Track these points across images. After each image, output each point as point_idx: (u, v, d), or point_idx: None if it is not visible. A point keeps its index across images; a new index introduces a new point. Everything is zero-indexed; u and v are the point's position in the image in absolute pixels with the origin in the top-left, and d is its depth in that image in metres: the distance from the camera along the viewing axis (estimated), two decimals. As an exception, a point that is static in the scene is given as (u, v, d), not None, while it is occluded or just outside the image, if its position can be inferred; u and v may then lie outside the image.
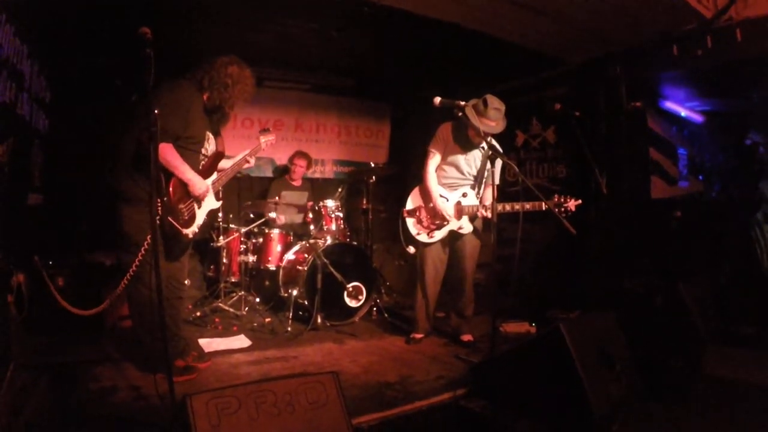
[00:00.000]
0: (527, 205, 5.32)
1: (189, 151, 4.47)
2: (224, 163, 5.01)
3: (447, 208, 5.61)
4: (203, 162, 4.69)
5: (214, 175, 4.78)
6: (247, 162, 5.09)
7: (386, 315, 7.03)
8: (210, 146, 4.74)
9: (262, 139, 5.28)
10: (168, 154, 4.24)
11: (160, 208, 4.20)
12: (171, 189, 4.28)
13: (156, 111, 3.53)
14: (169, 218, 4.29)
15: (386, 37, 7.22)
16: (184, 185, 4.39)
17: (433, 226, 5.71)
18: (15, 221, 4.61)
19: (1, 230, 3.79)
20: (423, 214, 5.78)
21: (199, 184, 4.49)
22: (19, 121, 5.36)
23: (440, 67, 8.34)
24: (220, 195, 5.15)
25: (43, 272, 5.34)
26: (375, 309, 7.16)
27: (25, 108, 5.56)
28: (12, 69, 4.99)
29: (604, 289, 6.46)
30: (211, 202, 4.77)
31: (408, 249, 5.83)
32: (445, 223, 5.67)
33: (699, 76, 6.99)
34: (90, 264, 6.72)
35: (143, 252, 4.24)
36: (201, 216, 4.69)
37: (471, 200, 5.70)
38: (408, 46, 7.62)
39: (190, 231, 4.55)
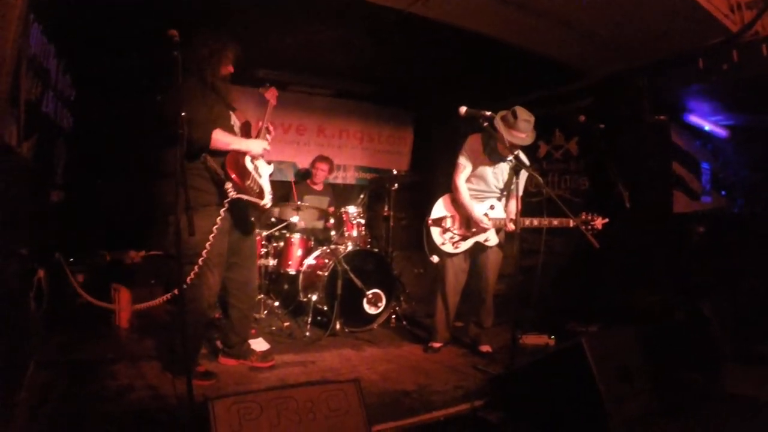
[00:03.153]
0: (555, 221, 5.32)
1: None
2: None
3: (484, 219, 5.56)
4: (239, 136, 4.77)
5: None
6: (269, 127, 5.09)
7: (405, 323, 7.03)
8: (235, 122, 4.80)
9: (266, 94, 5.22)
10: (218, 135, 4.37)
11: (232, 192, 4.36)
12: (232, 173, 4.37)
13: (183, 114, 3.58)
14: (245, 197, 4.43)
15: (411, 45, 7.22)
16: (239, 164, 4.48)
17: (460, 237, 5.70)
18: (37, 218, 4.65)
19: (25, 228, 3.82)
20: (450, 224, 5.75)
21: (255, 146, 4.67)
22: (43, 119, 5.40)
23: (463, 76, 8.34)
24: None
25: (66, 269, 5.39)
26: (394, 316, 7.15)
27: (50, 106, 5.61)
28: (38, 67, 5.03)
29: (623, 303, 6.42)
30: (266, 168, 4.92)
31: (432, 258, 5.80)
32: (477, 233, 5.66)
33: (724, 90, 6.93)
34: (109, 262, 6.80)
35: (202, 261, 4.33)
36: (266, 184, 4.83)
37: (498, 212, 5.67)
38: (432, 55, 7.62)
39: (268, 201, 4.73)
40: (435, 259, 5.79)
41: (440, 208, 5.85)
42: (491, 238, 5.70)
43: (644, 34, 6.20)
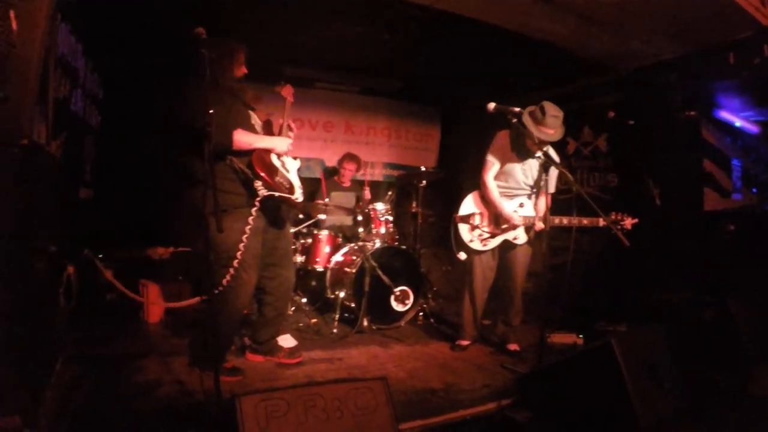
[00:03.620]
0: (585, 221, 5.28)
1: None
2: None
3: (515, 216, 5.52)
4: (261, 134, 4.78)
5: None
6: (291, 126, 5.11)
7: (432, 320, 7.04)
8: (256, 121, 4.81)
9: (282, 92, 5.19)
10: (241, 136, 4.37)
11: (263, 190, 4.39)
12: (260, 171, 4.40)
13: (210, 111, 3.60)
14: (276, 193, 4.46)
15: (437, 40, 7.20)
16: (266, 162, 4.49)
17: (488, 234, 5.67)
18: (66, 215, 4.70)
19: (54, 225, 3.86)
20: (479, 221, 5.71)
21: (280, 143, 4.68)
22: (72, 117, 5.46)
23: (489, 72, 8.30)
24: None
25: (98, 264, 5.44)
26: (421, 314, 7.15)
27: (79, 104, 5.67)
28: (66, 66, 5.09)
29: (652, 301, 6.36)
30: (293, 163, 4.94)
31: (459, 255, 5.76)
32: (506, 231, 5.63)
33: (755, 85, 6.82)
34: (137, 258, 6.86)
35: (237, 263, 4.37)
36: (295, 178, 4.85)
37: (528, 210, 5.63)
38: (458, 50, 7.59)
39: (299, 195, 4.76)
40: (462, 256, 5.75)
41: (469, 205, 5.82)
42: (520, 236, 5.66)
43: (673, 28, 6.12)
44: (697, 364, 4.79)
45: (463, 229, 5.73)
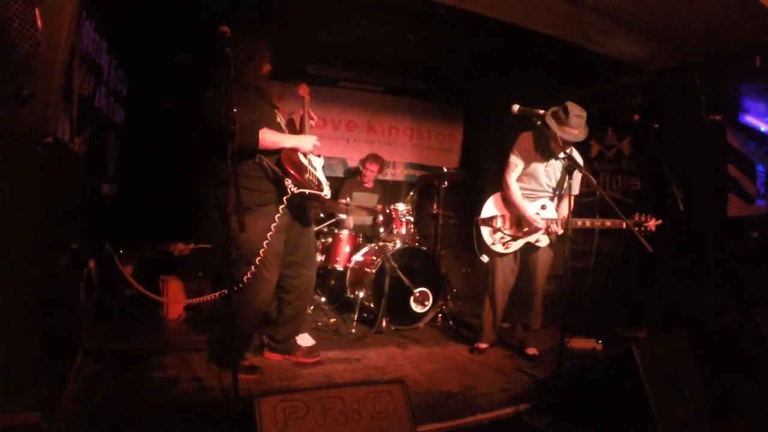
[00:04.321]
0: (608, 223, 5.24)
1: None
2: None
3: (537, 219, 5.46)
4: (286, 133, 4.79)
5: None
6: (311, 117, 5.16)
7: (451, 322, 7.03)
8: (281, 119, 4.82)
9: (300, 91, 5.23)
10: (267, 135, 4.38)
11: (293, 188, 4.40)
12: (290, 169, 4.40)
13: (234, 110, 3.60)
14: (307, 190, 4.46)
15: (461, 40, 7.18)
16: (294, 161, 4.50)
17: (511, 237, 5.63)
18: (89, 210, 4.74)
19: (77, 221, 3.88)
20: (501, 224, 5.66)
21: (305, 142, 4.68)
22: (96, 114, 5.52)
23: (513, 73, 8.27)
24: None
25: (117, 261, 5.47)
26: (440, 315, 7.15)
27: (103, 101, 5.73)
28: (91, 63, 5.14)
29: (674, 307, 6.31)
30: (318, 161, 4.96)
31: (481, 258, 5.73)
32: (528, 233, 5.58)
33: (782, 89, 6.78)
34: (158, 254, 6.90)
35: (259, 261, 4.39)
36: (322, 176, 4.89)
37: (550, 212, 5.58)
38: (482, 50, 7.58)
39: (328, 192, 4.80)
40: (485, 258, 5.72)
41: (490, 207, 5.77)
42: (542, 239, 5.62)
43: (699, 29, 6.05)
44: (719, 371, 4.74)
45: (485, 231, 5.68)
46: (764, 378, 4.72)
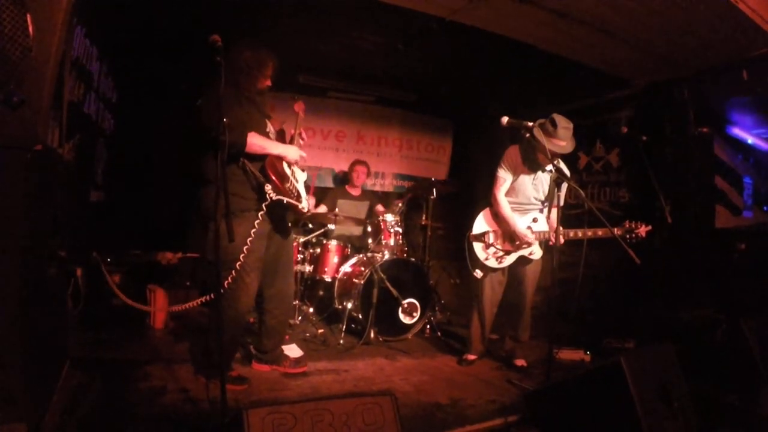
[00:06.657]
0: (599, 232, 5.26)
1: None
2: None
3: (528, 233, 5.47)
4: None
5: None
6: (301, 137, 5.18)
7: (439, 333, 7.01)
8: (270, 129, 4.81)
9: (295, 107, 5.28)
10: (254, 139, 4.38)
11: (272, 194, 4.40)
12: (271, 175, 4.41)
13: (225, 120, 3.59)
14: (285, 198, 4.46)
15: (451, 52, 7.21)
16: (278, 169, 4.51)
17: (504, 252, 5.60)
18: (77, 218, 4.72)
19: (65, 229, 3.86)
20: (494, 239, 5.65)
21: (292, 152, 4.68)
22: (85, 120, 5.51)
23: (502, 85, 8.31)
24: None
25: (104, 270, 5.45)
26: (428, 327, 7.13)
27: (92, 107, 5.72)
28: (81, 69, 5.13)
29: (662, 319, 6.32)
30: (301, 175, 4.97)
31: (475, 273, 5.72)
32: (524, 247, 5.58)
33: (769, 102, 6.83)
34: (146, 263, 6.87)
35: (240, 266, 4.37)
36: (302, 189, 4.90)
37: (542, 225, 5.57)
38: (472, 63, 7.61)
39: (305, 205, 4.80)
40: (479, 273, 5.70)
41: (481, 223, 5.76)
42: (536, 252, 5.63)
43: (687, 43, 6.09)
44: (707, 384, 4.75)
45: (478, 247, 5.67)
46: (751, 389, 4.73)
